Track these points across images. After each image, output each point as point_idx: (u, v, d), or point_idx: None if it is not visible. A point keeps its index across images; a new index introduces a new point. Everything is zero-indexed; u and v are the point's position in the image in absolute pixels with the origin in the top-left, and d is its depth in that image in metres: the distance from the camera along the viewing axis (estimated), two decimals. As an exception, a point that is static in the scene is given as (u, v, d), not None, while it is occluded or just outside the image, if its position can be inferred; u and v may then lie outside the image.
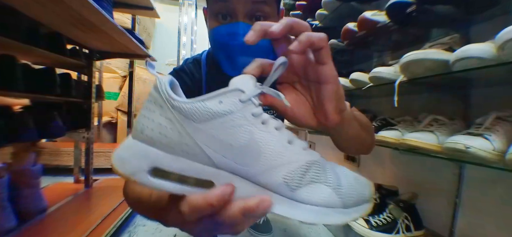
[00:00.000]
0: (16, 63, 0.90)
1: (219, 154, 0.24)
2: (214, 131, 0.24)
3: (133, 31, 1.51)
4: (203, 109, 0.24)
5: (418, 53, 0.67)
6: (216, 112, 0.24)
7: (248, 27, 0.51)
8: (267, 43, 0.56)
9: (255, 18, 0.52)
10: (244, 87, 0.26)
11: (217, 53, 0.57)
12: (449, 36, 0.71)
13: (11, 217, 0.88)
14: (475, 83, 0.74)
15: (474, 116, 0.72)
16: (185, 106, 0.24)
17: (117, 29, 0.99)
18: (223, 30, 0.52)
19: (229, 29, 0.52)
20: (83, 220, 0.99)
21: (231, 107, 0.24)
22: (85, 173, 1.40)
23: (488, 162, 0.54)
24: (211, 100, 0.24)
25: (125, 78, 2.57)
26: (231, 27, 0.51)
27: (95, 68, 1.40)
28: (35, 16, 0.88)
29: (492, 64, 0.54)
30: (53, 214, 1.04)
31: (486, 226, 0.75)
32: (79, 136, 1.36)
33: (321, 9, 1.34)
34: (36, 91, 0.99)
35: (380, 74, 0.84)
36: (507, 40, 0.49)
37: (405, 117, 0.90)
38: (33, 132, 0.96)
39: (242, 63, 0.55)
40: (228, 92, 0.25)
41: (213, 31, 0.54)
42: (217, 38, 0.54)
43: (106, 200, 1.22)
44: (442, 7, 0.73)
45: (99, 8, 0.79)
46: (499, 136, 0.56)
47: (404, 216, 0.85)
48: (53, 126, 1.08)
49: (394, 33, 0.90)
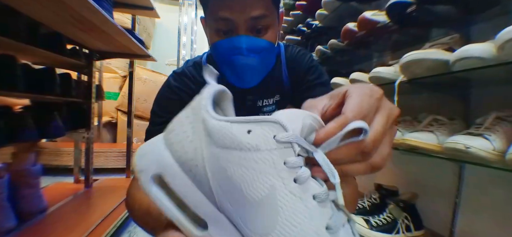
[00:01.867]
0: (16, 63, 0.90)
1: (224, 196, 0.19)
2: (228, 164, 0.18)
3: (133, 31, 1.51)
4: (225, 132, 0.19)
5: (418, 53, 0.67)
6: (239, 142, 0.18)
7: (250, 39, 0.51)
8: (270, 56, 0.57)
9: (256, 31, 0.52)
10: (290, 124, 0.19)
11: (220, 66, 0.57)
12: (449, 36, 0.71)
13: (11, 217, 0.88)
14: (475, 83, 0.74)
15: (474, 116, 0.72)
16: (210, 121, 0.20)
17: (117, 29, 0.99)
18: (225, 45, 0.52)
19: (231, 44, 0.52)
20: (83, 220, 0.99)
21: (260, 142, 0.18)
22: (85, 173, 1.40)
23: (488, 162, 0.54)
24: (239, 125, 0.19)
25: (125, 78, 2.57)
26: (233, 41, 0.51)
27: (95, 68, 1.40)
28: (35, 16, 0.88)
29: (492, 64, 0.54)
30: (53, 214, 1.04)
31: (486, 226, 0.75)
32: (79, 136, 1.36)
33: (321, 9, 1.34)
34: (36, 91, 0.99)
35: (380, 74, 0.84)
36: (507, 40, 0.49)
37: (405, 117, 0.90)
38: (33, 132, 0.96)
39: (246, 77, 0.55)
40: (263, 121, 0.19)
41: (216, 45, 0.54)
42: (220, 52, 0.54)
43: (106, 200, 1.22)
44: (442, 7, 0.73)
45: (99, 8, 0.79)
46: (499, 136, 0.56)
47: (404, 216, 0.85)
48: (53, 126, 1.08)
49: (394, 33, 0.90)
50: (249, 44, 0.51)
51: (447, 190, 0.85)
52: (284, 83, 0.67)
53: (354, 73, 1.01)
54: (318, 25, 1.43)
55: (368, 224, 0.86)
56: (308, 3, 1.52)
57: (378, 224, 0.85)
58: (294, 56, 0.67)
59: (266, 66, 0.58)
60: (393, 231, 0.83)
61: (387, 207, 0.90)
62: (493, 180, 0.73)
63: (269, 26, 0.53)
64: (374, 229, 0.84)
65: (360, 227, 0.86)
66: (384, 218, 0.87)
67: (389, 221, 0.85)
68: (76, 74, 1.44)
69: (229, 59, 0.53)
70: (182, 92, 0.61)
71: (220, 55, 0.55)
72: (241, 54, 0.51)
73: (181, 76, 0.64)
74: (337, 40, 1.19)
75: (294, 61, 0.66)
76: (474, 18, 0.76)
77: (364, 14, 0.96)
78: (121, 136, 2.46)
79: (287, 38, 1.77)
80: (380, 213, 0.89)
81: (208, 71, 0.24)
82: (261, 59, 0.54)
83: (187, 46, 3.11)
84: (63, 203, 1.14)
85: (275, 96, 0.68)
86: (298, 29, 1.64)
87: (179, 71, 0.65)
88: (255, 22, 0.51)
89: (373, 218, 0.88)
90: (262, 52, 0.53)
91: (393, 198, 0.93)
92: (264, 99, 0.68)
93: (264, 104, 0.68)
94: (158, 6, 1.67)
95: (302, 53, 0.67)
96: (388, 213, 0.88)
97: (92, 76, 1.36)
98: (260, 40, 0.52)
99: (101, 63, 2.11)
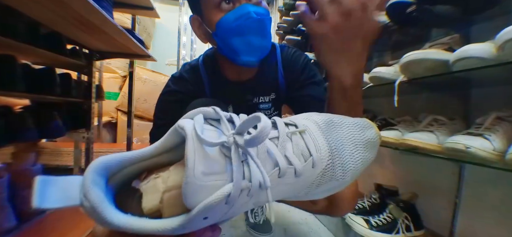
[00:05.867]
0: (16, 63, 0.90)
1: None
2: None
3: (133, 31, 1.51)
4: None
5: (418, 53, 0.67)
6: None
7: (254, 6, 0.54)
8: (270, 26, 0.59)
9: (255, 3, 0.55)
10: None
11: (230, 42, 0.56)
12: (449, 36, 0.71)
13: (11, 217, 0.88)
14: (475, 83, 0.74)
15: (474, 116, 0.72)
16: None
17: (117, 29, 0.99)
18: (232, 16, 0.54)
19: (238, 13, 0.53)
20: (83, 220, 0.99)
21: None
22: (85, 173, 1.40)
23: (488, 162, 0.54)
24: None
25: (125, 78, 2.57)
26: (239, 10, 0.53)
27: (95, 68, 1.40)
28: (35, 16, 0.88)
29: (492, 64, 0.54)
30: (53, 214, 1.04)
31: (486, 226, 0.75)
32: (79, 136, 1.36)
33: (321, 9, 1.33)
34: (36, 91, 0.99)
35: (380, 74, 0.84)
36: (507, 40, 0.49)
37: (405, 117, 0.90)
38: (33, 132, 0.96)
39: (259, 44, 0.56)
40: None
41: (221, 22, 0.55)
42: (229, 26, 0.54)
43: (106, 200, 1.22)
44: (442, 7, 0.73)
45: (99, 8, 0.79)
46: (499, 136, 0.56)
47: (404, 216, 0.85)
48: (53, 126, 1.08)
49: (394, 33, 0.90)
50: (255, 9, 0.54)
51: (447, 190, 0.85)
52: (280, 82, 0.69)
53: (354, 73, 1.01)
54: (318, 25, 1.43)
55: (368, 224, 0.86)
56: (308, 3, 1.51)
57: (378, 224, 0.85)
58: (289, 56, 0.69)
59: (269, 38, 0.59)
60: (393, 231, 0.83)
61: (387, 207, 0.90)
62: (493, 180, 0.73)
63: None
64: (374, 229, 0.84)
65: (360, 227, 0.86)
66: (384, 218, 0.87)
67: (389, 221, 0.86)
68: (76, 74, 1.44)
69: (240, 28, 0.54)
70: (181, 94, 0.65)
71: (229, 30, 0.55)
72: (251, 17, 0.53)
73: (179, 79, 0.67)
74: (337, 40, 1.18)
75: (289, 62, 0.68)
76: (474, 18, 0.76)
77: (364, 14, 0.95)
78: (121, 136, 2.46)
79: (287, 38, 1.77)
80: (380, 213, 0.89)
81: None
82: (268, 24, 0.57)
83: (187, 46, 3.10)
84: (63, 203, 1.14)
85: (271, 94, 0.70)
86: (298, 29, 1.64)
87: (177, 76, 0.68)
88: None
89: (373, 218, 0.88)
90: (266, 16, 0.56)
91: (393, 198, 0.93)
92: (260, 97, 0.70)
93: (261, 101, 0.70)
94: (158, 6, 1.67)
95: (297, 54, 0.69)
96: (388, 213, 0.88)
97: (92, 76, 1.36)
98: (260, 7, 0.56)
99: (101, 63, 2.11)
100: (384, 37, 0.96)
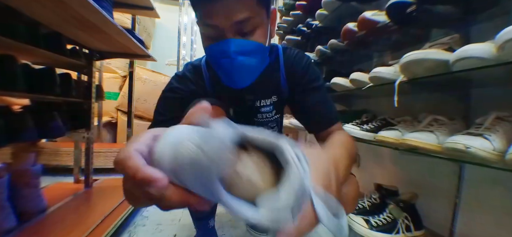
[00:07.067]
0: (16, 63, 0.89)
1: None
2: None
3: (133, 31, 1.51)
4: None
5: (418, 53, 0.67)
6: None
7: (237, 42, 0.52)
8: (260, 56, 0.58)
9: (243, 34, 0.53)
10: None
11: (214, 68, 0.60)
12: (449, 36, 0.71)
13: (11, 217, 0.88)
14: (475, 83, 0.74)
15: (474, 116, 0.72)
16: None
17: (117, 29, 0.99)
18: (215, 48, 0.54)
19: (219, 47, 0.53)
20: (83, 220, 0.99)
21: None
22: (85, 173, 1.40)
23: (488, 162, 0.54)
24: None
25: (125, 78, 2.57)
26: (221, 45, 0.53)
27: (95, 68, 1.40)
28: (35, 16, 0.88)
29: (492, 64, 0.54)
30: (53, 214, 1.03)
31: (486, 226, 0.75)
32: (79, 136, 1.36)
33: (321, 9, 1.34)
34: (36, 91, 0.98)
35: (380, 74, 0.84)
36: (507, 40, 0.49)
37: (405, 117, 0.90)
38: (33, 132, 0.96)
39: (237, 78, 0.57)
40: None
41: (207, 50, 0.57)
42: (211, 56, 0.57)
43: (106, 200, 1.22)
44: (442, 7, 0.73)
45: (99, 8, 0.79)
46: (499, 136, 0.56)
47: (404, 216, 0.85)
48: (53, 126, 1.08)
49: (394, 33, 0.90)
50: (236, 47, 0.53)
51: (447, 190, 0.85)
52: (282, 85, 0.69)
53: (354, 73, 1.01)
54: (318, 25, 1.43)
55: (368, 224, 0.86)
56: (308, 3, 1.52)
57: (378, 224, 0.85)
58: (292, 58, 0.68)
59: (257, 66, 0.59)
60: (393, 231, 0.84)
61: (387, 207, 0.90)
62: (493, 180, 0.73)
63: (256, 27, 0.54)
64: (374, 229, 0.84)
65: (360, 227, 0.86)
66: (384, 218, 0.87)
67: (389, 221, 0.86)
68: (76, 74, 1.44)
69: (219, 62, 0.55)
70: (183, 92, 0.65)
71: (212, 59, 0.57)
72: (229, 56, 0.53)
73: (182, 78, 0.68)
74: (337, 40, 1.19)
75: (292, 64, 0.68)
76: (474, 18, 0.76)
77: (364, 14, 0.96)
78: (121, 136, 2.46)
79: (287, 38, 1.77)
80: (380, 213, 0.89)
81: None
82: (250, 60, 0.55)
83: (187, 46, 3.11)
84: (63, 203, 1.14)
85: (272, 97, 0.70)
86: (298, 29, 1.64)
87: (180, 74, 0.69)
88: (241, 26, 0.52)
89: (373, 218, 0.88)
90: (251, 54, 0.55)
91: (393, 198, 0.93)
92: (261, 100, 0.69)
93: (262, 104, 0.70)
94: (158, 6, 1.66)
95: (300, 56, 0.69)
96: (388, 213, 0.88)
97: (92, 76, 1.36)
98: (247, 42, 0.53)
99: (101, 63, 2.11)
100: (384, 37, 0.96)
